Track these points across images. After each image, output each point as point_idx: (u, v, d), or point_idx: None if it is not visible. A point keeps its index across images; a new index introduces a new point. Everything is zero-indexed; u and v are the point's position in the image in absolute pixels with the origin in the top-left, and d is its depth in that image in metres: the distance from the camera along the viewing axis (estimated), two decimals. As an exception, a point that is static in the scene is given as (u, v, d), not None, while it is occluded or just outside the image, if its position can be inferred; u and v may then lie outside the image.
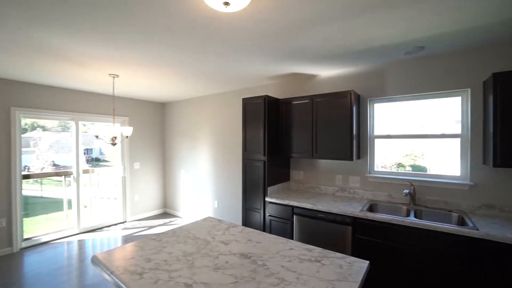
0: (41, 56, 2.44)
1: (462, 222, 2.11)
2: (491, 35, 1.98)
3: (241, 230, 1.79)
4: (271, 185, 2.99)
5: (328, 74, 3.09)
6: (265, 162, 2.90)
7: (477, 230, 1.81)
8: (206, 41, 2.08)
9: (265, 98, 2.90)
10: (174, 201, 5.18)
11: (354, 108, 2.63)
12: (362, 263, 1.32)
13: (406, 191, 2.41)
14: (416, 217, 2.25)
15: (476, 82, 2.25)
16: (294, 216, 2.67)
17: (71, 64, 2.67)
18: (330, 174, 3.09)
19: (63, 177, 4.15)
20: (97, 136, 3.10)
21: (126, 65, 2.71)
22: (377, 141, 2.84)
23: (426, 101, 2.58)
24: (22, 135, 3.56)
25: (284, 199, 2.76)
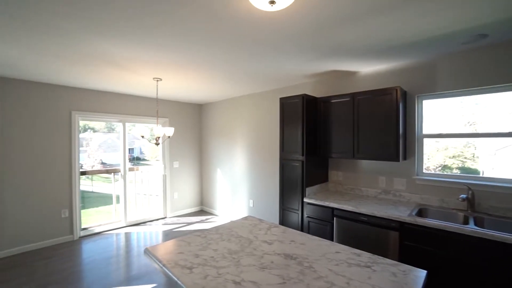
0: (95, 63, 2.68)
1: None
2: None
3: (283, 231, 1.78)
4: (309, 185, 2.92)
5: (369, 70, 2.94)
6: (303, 162, 2.85)
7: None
8: (246, 40, 2.10)
9: (303, 97, 2.84)
10: (210, 199, 5.36)
11: (401, 105, 2.46)
12: (419, 273, 1.22)
13: (463, 196, 2.18)
14: (476, 225, 2.03)
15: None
16: (334, 218, 2.58)
17: (120, 69, 2.90)
18: (372, 176, 2.93)
19: (112, 174, 4.53)
20: (142, 136, 3.33)
21: (169, 68, 2.85)
22: (425, 140, 2.62)
23: (484, 96, 2.31)
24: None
25: (323, 201, 2.69)
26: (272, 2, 1.31)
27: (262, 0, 1.32)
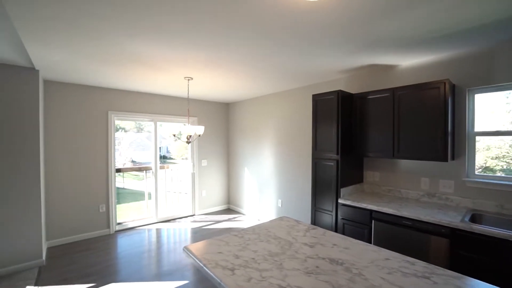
0: (129, 63, 2.75)
1: None
2: None
3: (323, 233, 1.68)
4: (344, 186, 2.78)
5: (411, 63, 2.72)
6: (338, 161, 2.71)
7: None
8: (279, 34, 2.02)
9: (338, 93, 2.71)
10: (237, 198, 5.36)
11: (449, 100, 2.24)
12: (490, 288, 1.07)
13: (527, 201, 1.93)
14: (545, 234, 1.78)
15: None
16: (373, 221, 2.43)
17: (154, 70, 2.96)
18: (413, 177, 2.71)
19: (144, 172, 4.70)
20: (174, 134, 3.38)
21: (200, 66, 2.86)
22: (478, 139, 2.37)
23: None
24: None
25: (360, 202, 2.54)
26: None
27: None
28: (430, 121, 2.30)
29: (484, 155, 2.43)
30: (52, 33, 1.98)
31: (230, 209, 5.53)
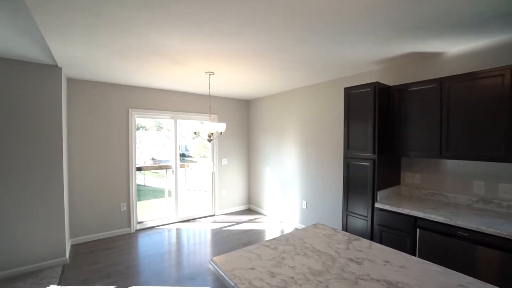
0: (153, 57, 2.62)
1: None
2: None
3: (368, 245, 1.44)
4: (381, 189, 2.50)
5: (461, 49, 2.38)
6: (374, 161, 2.44)
7: None
8: (306, 21, 1.79)
9: (375, 86, 2.43)
10: (258, 198, 5.17)
11: (515, 90, 1.90)
12: None
13: None
14: None
15: None
16: (418, 229, 2.14)
17: (175, 64, 2.82)
18: (463, 179, 2.38)
19: (165, 170, 4.63)
20: (195, 132, 3.25)
21: (221, 60, 2.68)
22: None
23: None
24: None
25: (401, 207, 2.25)
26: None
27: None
28: (488, 115, 1.97)
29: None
30: (73, 26, 1.89)
31: (250, 209, 5.36)
